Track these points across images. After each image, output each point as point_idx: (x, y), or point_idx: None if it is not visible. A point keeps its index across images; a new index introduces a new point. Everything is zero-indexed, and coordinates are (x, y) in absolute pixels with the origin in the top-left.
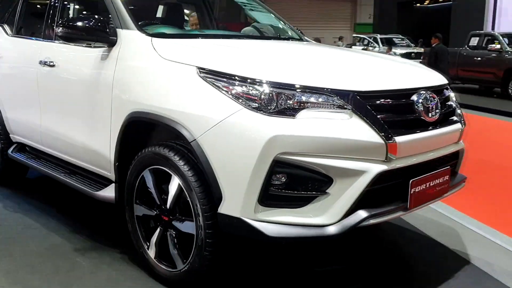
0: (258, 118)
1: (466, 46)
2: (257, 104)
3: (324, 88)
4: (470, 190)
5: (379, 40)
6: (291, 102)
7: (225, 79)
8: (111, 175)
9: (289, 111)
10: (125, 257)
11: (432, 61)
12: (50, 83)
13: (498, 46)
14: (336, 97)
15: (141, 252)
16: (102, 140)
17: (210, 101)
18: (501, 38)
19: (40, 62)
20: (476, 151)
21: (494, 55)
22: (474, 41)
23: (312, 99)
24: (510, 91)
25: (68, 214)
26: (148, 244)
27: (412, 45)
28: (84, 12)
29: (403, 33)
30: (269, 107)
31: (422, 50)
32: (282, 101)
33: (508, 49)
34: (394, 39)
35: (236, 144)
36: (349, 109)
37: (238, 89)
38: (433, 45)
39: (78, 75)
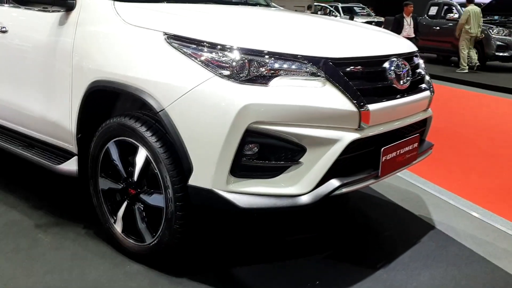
0: (229, 87)
1: (425, 15)
2: (228, 72)
3: (298, 55)
4: (430, 156)
5: (340, 9)
6: (263, 69)
7: (194, 45)
8: (73, 147)
9: (262, 79)
10: (90, 232)
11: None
12: (2, 50)
13: (456, 16)
14: (309, 64)
15: (107, 226)
16: (62, 111)
17: (179, 68)
18: (459, 7)
19: None
20: (435, 118)
21: (451, 24)
22: (433, 10)
23: (285, 66)
24: None
25: (26, 189)
26: (115, 218)
27: (373, 14)
28: None
29: (364, 3)
30: (240, 75)
31: (382, 19)
32: (254, 68)
33: None
34: (355, 8)
35: (206, 113)
36: (322, 77)
37: (208, 56)
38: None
39: (34, 42)
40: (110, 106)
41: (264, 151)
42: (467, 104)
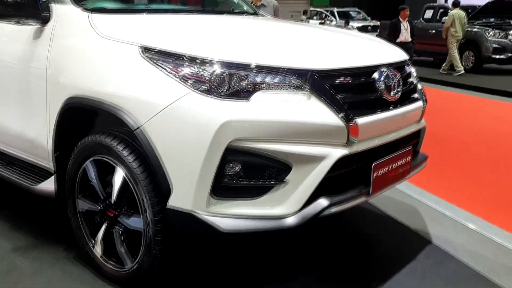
0: (208, 102)
1: (421, 19)
2: (206, 87)
3: (280, 67)
4: (427, 163)
5: (336, 13)
6: (244, 83)
7: (170, 59)
8: (51, 166)
9: (242, 94)
10: (70, 255)
11: None
12: None
13: None
14: (293, 77)
15: (86, 250)
16: (39, 127)
17: (155, 84)
18: None
19: None
20: (431, 124)
21: None
22: (428, 14)
23: (267, 80)
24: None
25: (5, 208)
26: (94, 241)
27: (369, 18)
28: None
29: (359, 7)
30: (220, 90)
31: (378, 23)
32: (235, 82)
33: None
34: (350, 12)
35: (184, 131)
36: (307, 90)
37: (186, 70)
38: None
39: (9, 56)
40: (88, 122)
41: (246, 170)
42: (464, 108)
